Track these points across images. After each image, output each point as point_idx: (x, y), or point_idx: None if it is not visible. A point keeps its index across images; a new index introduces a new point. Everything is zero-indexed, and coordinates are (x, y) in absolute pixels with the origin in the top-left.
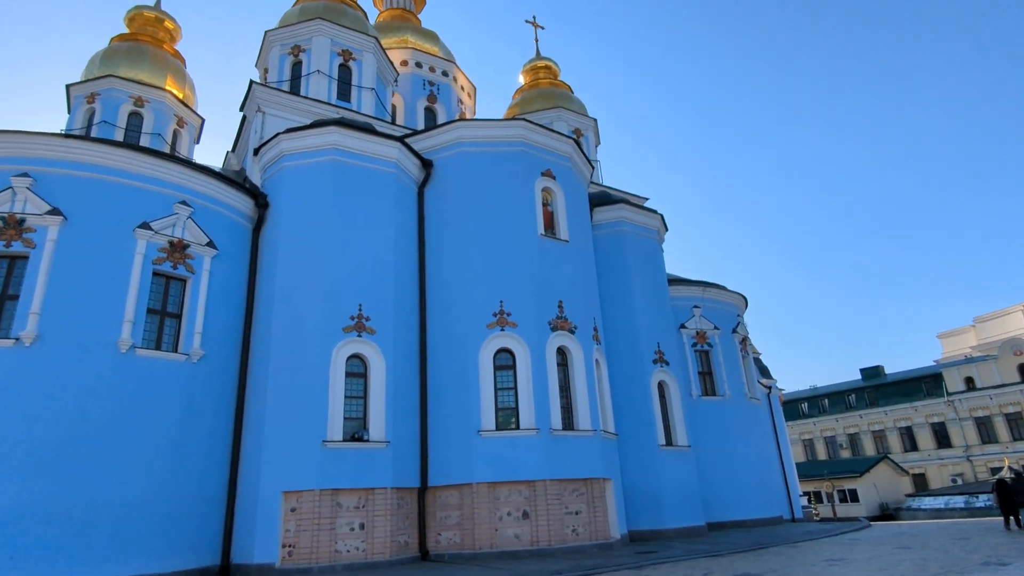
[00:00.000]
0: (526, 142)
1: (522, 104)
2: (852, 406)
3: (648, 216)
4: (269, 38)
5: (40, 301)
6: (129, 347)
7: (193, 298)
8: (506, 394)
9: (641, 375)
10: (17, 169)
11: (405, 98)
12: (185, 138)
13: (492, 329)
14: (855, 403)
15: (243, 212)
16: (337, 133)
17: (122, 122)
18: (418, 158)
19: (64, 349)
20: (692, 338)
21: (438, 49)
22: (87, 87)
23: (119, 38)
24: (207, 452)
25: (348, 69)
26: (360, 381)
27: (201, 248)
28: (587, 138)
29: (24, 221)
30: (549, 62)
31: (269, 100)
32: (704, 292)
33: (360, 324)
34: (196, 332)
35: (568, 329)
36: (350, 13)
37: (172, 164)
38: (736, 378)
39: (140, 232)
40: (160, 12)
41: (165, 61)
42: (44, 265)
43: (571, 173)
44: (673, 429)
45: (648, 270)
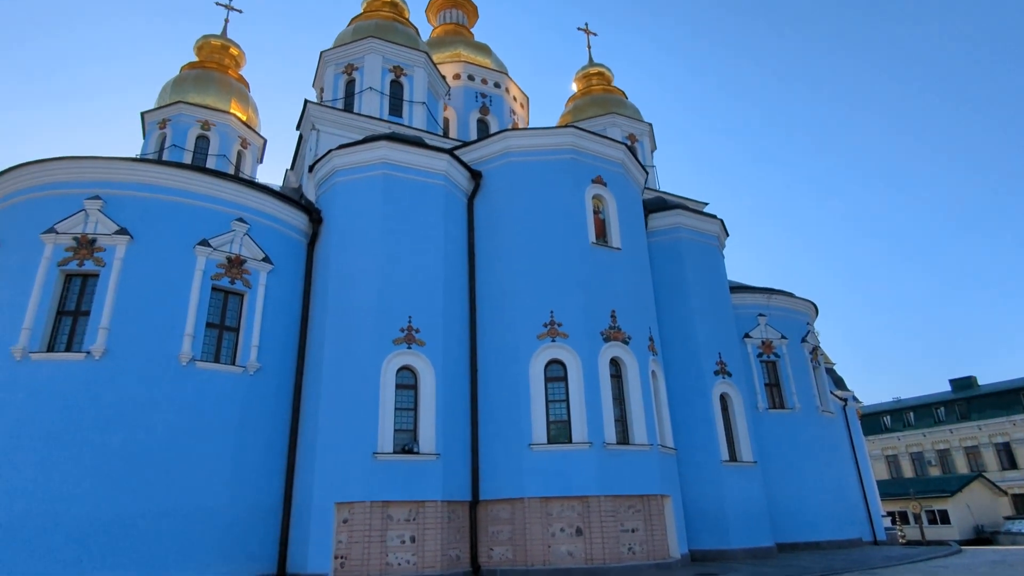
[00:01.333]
0: (576, 149)
1: (575, 112)
2: (941, 420)
3: (707, 221)
4: (324, 58)
5: (109, 316)
6: (189, 360)
7: (250, 312)
8: (558, 406)
9: (701, 387)
10: (90, 192)
11: (458, 111)
12: (248, 158)
13: (542, 340)
14: (944, 417)
15: (298, 227)
16: (386, 147)
17: (190, 145)
18: (467, 169)
19: (130, 362)
20: (757, 348)
21: (490, 61)
22: (159, 113)
23: (188, 66)
24: (263, 462)
25: (400, 85)
26: (410, 393)
27: (257, 263)
28: (642, 143)
29: (95, 241)
30: (602, 68)
31: (323, 118)
32: (770, 299)
33: (410, 336)
34: (253, 345)
35: (621, 339)
36: (401, 30)
37: (229, 183)
38: (806, 390)
39: (200, 249)
40: (226, 40)
41: (230, 86)
42: (112, 282)
43: (623, 179)
44: (737, 444)
45: (708, 277)
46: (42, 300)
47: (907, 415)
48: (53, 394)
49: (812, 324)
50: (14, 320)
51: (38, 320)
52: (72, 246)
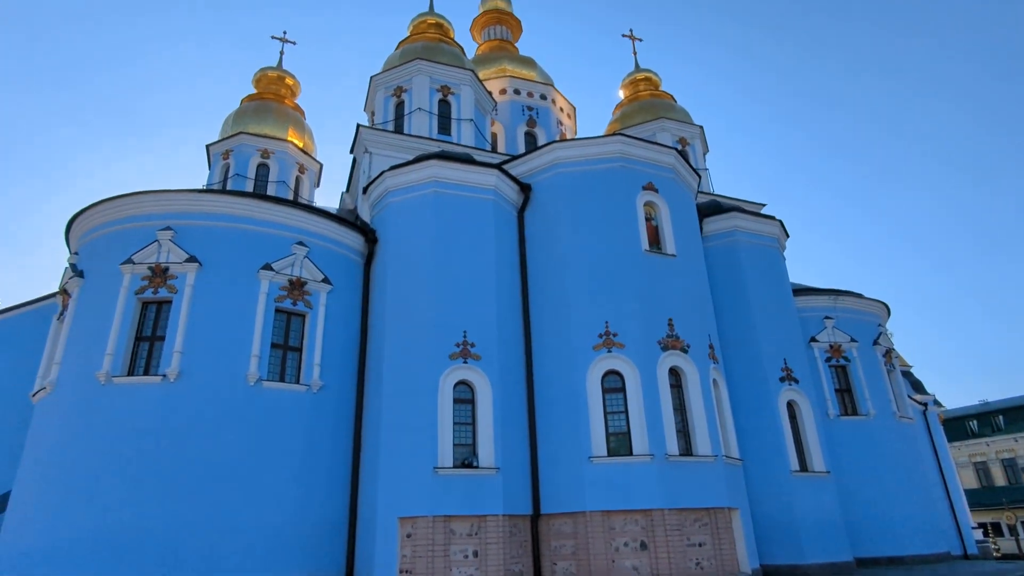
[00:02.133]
0: (624, 157)
1: (623, 119)
2: None
3: (765, 223)
4: (374, 83)
5: (181, 341)
6: (256, 380)
7: (311, 332)
8: (617, 418)
9: (766, 394)
10: (162, 224)
11: (505, 125)
12: (306, 183)
13: (599, 351)
14: None
15: (354, 248)
16: (436, 166)
17: (252, 173)
18: (516, 183)
19: (201, 383)
20: (825, 352)
21: (535, 74)
22: (222, 145)
23: (248, 98)
24: (328, 478)
25: (447, 104)
26: (468, 407)
27: (317, 284)
28: (693, 147)
29: (168, 270)
30: (649, 74)
31: (374, 141)
32: (836, 301)
33: (465, 351)
34: (315, 364)
35: (680, 348)
36: (447, 50)
37: (288, 208)
38: (881, 395)
39: (263, 273)
40: (282, 71)
41: (287, 115)
42: (184, 308)
43: (675, 184)
44: (808, 453)
45: (768, 281)
46: (122, 327)
47: (995, 419)
48: (134, 415)
49: (884, 325)
50: (98, 346)
51: (119, 346)
52: (147, 275)
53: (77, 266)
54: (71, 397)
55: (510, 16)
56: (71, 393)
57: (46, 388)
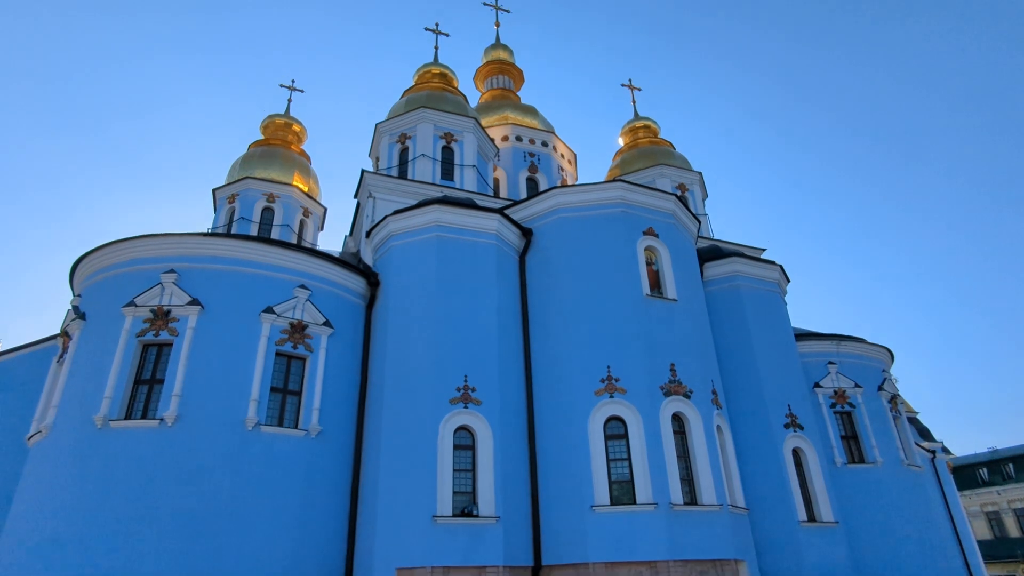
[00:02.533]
0: (625, 203)
1: (622, 165)
2: None
3: (765, 268)
4: (379, 130)
5: (181, 384)
6: (255, 424)
7: (311, 376)
8: (619, 465)
9: (771, 442)
10: (165, 266)
11: (507, 171)
12: (310, 226)
13: (600, 396)
14: None
15: (356, 291)
16: (438, 211)
17: (257, 217)
18: (518, 228)
19: (200, 427)
20: (829, 398)
21: (537, 122)
22: (228, 189)
23: (255, 144)
24: (326, 525)
25: (450, 150)
26: (468, 453)
27: (318, 328)
28: (692, 193)
29: (170, 312)
30: (647, 121)
31: (378, 186)
32: (839, 346)
33: (466, 395)
34: (314, 408)
35: (683, 393)
36: (451, 99)
37: (291, 251)
38: (888, 442)
39: (265, 316)
40: (289, 118)
41: (293, 160)
42: (184, 351)
43: (675, 229)
44: (815, 502)
45: (770, 325)
46: (122, 370)
47: (1006, 467)
48: (130, 459)
49: (888, 371)
50: (96, 389)
51: (117, 389)
52: (149, 317)
53: (79, 308)
54: (67, 441)
55: (512, 66)
56: (67, 437)
57: (42, 432)
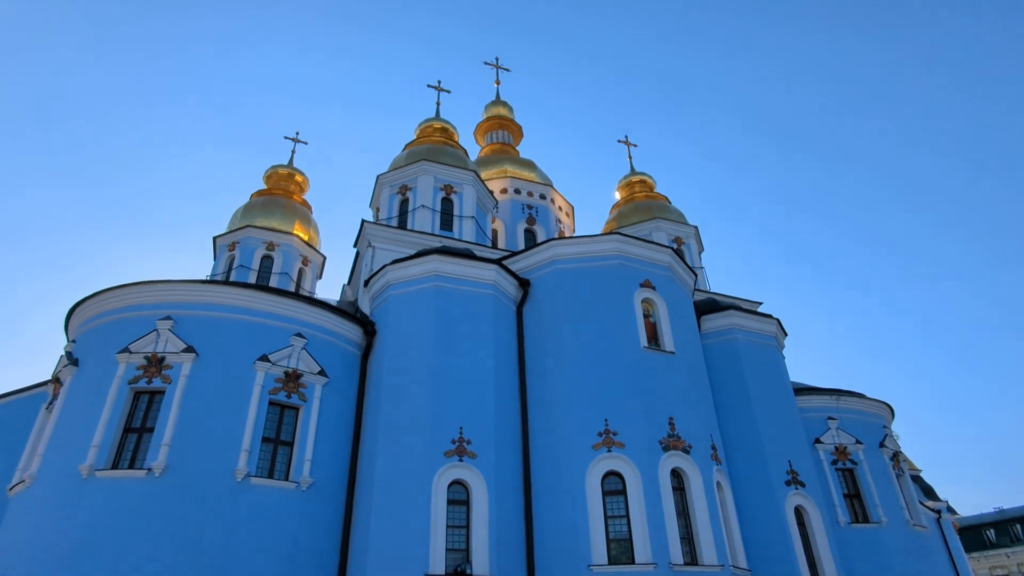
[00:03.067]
0: (622, 255)
1: (619, 218)
2: None
3: (762, 321)
4: (380, 181)
5: (171, 433)
6: (244, 476)
7: (304, 426)
8: (617, 523)
9: (773, 499)
10: (162, 313)
11: (506, 222)
12: (309, 275)
13: (598, 450)
14: None
15: (352, 340)
16: (437, 260)
17: (256, 264)
18: (515, 278)
19: (188, 478)
20: (831, 454)
21: (535, 175)
22: (229, 237)
23: (258, 193)
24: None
25: (450, 201)
26: (462, 509)
27: (313, 377)
28: (689, 246)
29: (164, 359)
30: (644, 176)
31: (378, 235)
32: (838, 401)
33: (461, 448)
34: (306, 460)
35: (682, 448)
36: (451, 152)
37: (288, 299)
38: (892, 501)
39: (259, 364)
40: (292, 168)
41: (294, 210)
42: (176, 399)
43: (672, 282)
44: (818, 563)
45: (769, 379)
46: (111, 418)
47: (1013, 528)
48: (115, 510)
49: (889, 427)
50: (84, 437)
51: (106, 437)
52: (143, 364)
53: (72, 354)
54: (50, 491)
55: (511, 122)
56: (51, 487)
57: (24, 481)
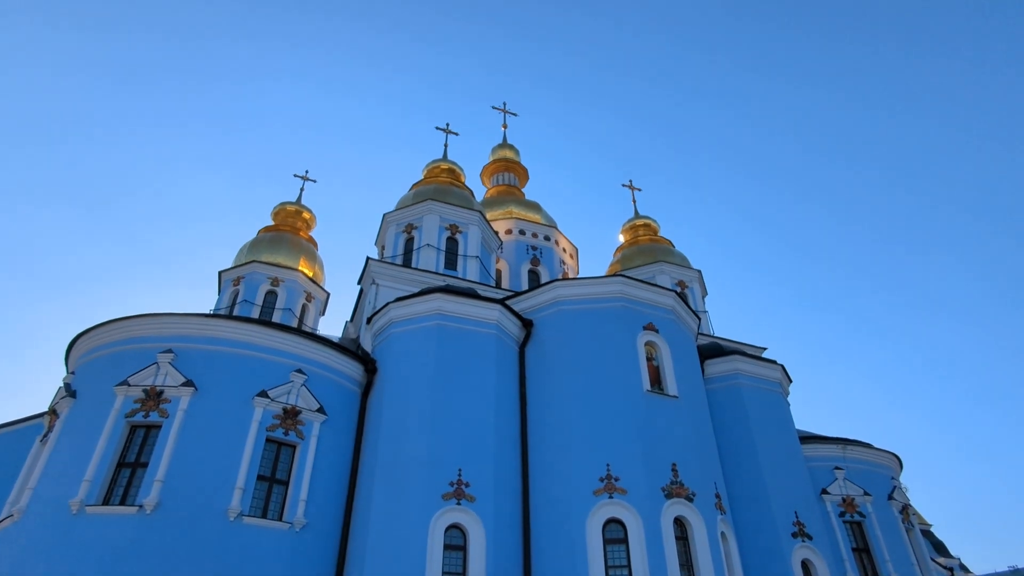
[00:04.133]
0: (625, 297)
1: (623, 261)
2: None
3: (767, 367)
4: (387, 220)
5: (165, 469)
6: (237, 515)
7: (300, 464)
8: (619, 572)
9: (779, 552)
10: (163, 346)
11: (510, 263)
12: (312, 311)
13: (599, 496)
14: None
15: (353, 377)
16: (440, 299)
17: (260, 300)
18: (518, 318)
19: (179, 516)
20: (838, 506)
21: (540, 217)
22: (235, 272)
23: (265, 229)
24: None
25: (455, 241)
26: (459, 555)
27: (312, 414)
28: (692, 290)
29: (162, 393)
30: (648, 220)
31: (383, 273)
32: (845, 451)
33: (459, 491)
34: (301, 500)
35: (685, 496)
36: (457, 192)
37: (290, 335)
38: (902, 556)
39: (258, 400)
40: (300, 206)
41: (300, 246)
42: (173, 433)
43: (675, 325)
44: None
45: (774, 426)
46: (106, 452)
47: None
48: (103, 547)
49: (897, 479)
50: (77, 471)
51: (99, 472)
52: (141, 397)
53: (71, 385)
54: (38, 526)
55: (517, 164)
56: (39, 522)
57: (13, 515)
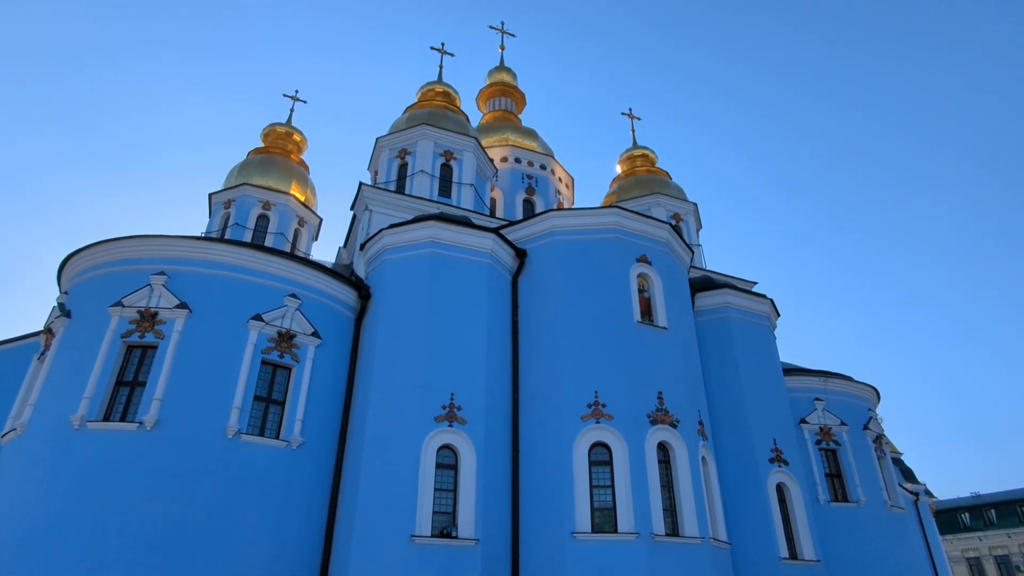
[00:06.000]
0: (620, 229)
1: (619, 192)
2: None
3: (756, 301)
4: (380, 144)
5: (163, 388)
6: (235, 433)
7: (296, 386)
8: (603, 492)
9: (756, 476)
10: (155, 268)
11: (505, 192)
12: (305, 236)
13: (587, 421)
14: None
15: (347, 303)
16: (434, 227)
17: (251, 224)
18: (512, 248)
19: (179, 433)
20: (815, 435)
21: (536, 145)
22: (225, 195)
23: (255, 151)
24: (301, 539)
25: (449, 168)
26: (450, 473)
27: (306, 338)
28: (687, 222)
29: (157, 314)
30: (646, 150)
31: (376, 199)
32: (826, 383)
33: (451, 414)
34: (297, 420)
35: (669, 423)
36: (452, 117)
37: (283, 259)
38: (872, 482)
39: (253, 323)
40: (290, 127)
41: (291, 169)
42: (169, 354)
43: (669, 258)
44: (797, 540)
45: (759, 359)
46: (103, 370)
47: (988, 512)
48: (105, 462)
49: (874, 410)
50: (76, 389)
51: (98, 390)
52: (136, 319)
53: (65, 305)
54: (41, 440)
55: (515, 89)
56: (42, 436)
57: (16, 430)
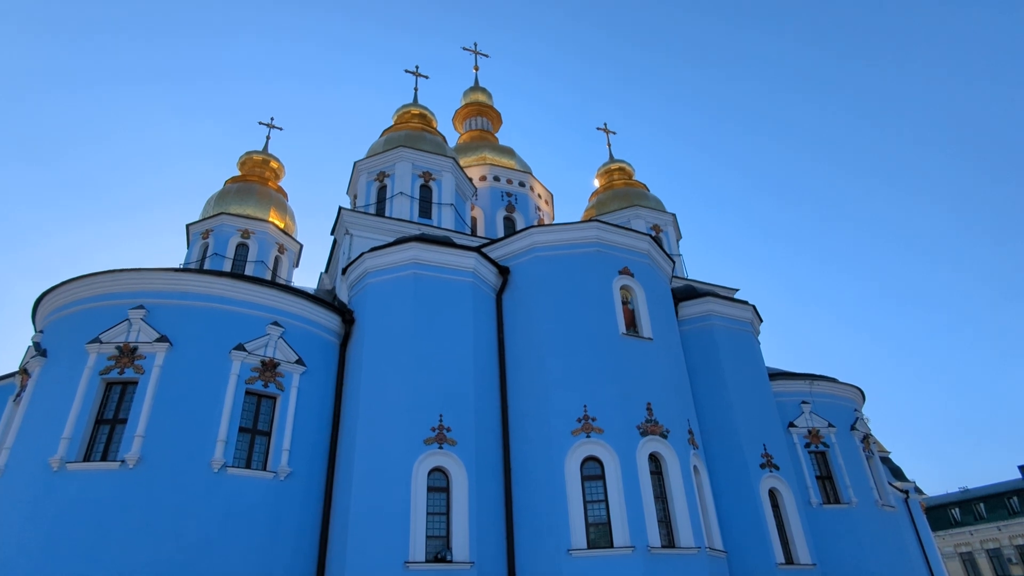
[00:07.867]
0: (601, 242)
1: (598, 206)
2: (1016, 511)
3: (738, 307)
4: (358, 168)
5: (144, 424)
6: (221, 466)
7: (282, 415)
8: (596, 507)
9: (748, 482)
10: (134, 302)
11: (485, 210)
12: (285, 263)
13: (577, 436)
14: (1019, 507)
15: (331, 328)
16: (416, 248)
17: (231, 253)
18: (495, 266)
19: (163, 470)
20: (804, 438)
21: (514, 163)
22: (203, 225)
23: (232, 180)
24: (293, 572)
25: (428, 189)
26: (442, 496)
27: (290, 366)
28: (667, 233)
29: (136, 349)
30: (623, 164)
31: (356, 223)
32: (812, 386)
33: (441, 435)
34: (284, 449)
35: (659, 433)
36: (429, 138)
37: (264, 287)
38: (862, 482)
39: (235, 353)
40: (267, 155)
41: (269, 197)
42: (150, 389)
43: (650, 269)
44: (792, 544)
45: (745, 365)
46: (82, 409)
47: (977, 507)
48: (86, 504)
49: (860, 411)
50: (54, 429)
51: (77, 429)
52: (114, 355)
53: (41, 344)
54: (20, 484)
55: (490, 108)
56: (21, 480)
57: None
